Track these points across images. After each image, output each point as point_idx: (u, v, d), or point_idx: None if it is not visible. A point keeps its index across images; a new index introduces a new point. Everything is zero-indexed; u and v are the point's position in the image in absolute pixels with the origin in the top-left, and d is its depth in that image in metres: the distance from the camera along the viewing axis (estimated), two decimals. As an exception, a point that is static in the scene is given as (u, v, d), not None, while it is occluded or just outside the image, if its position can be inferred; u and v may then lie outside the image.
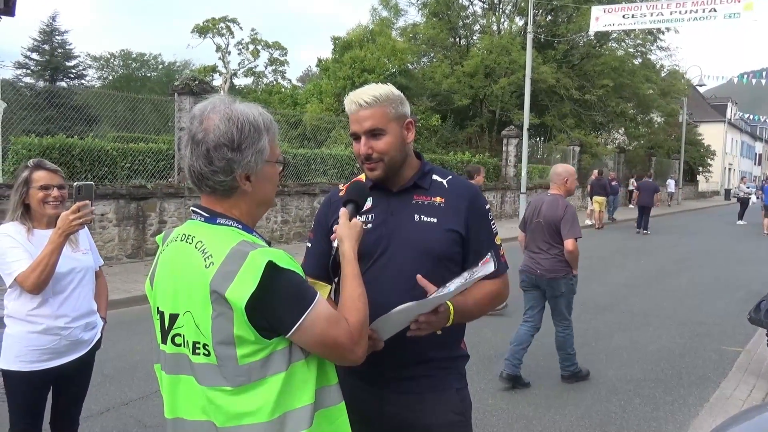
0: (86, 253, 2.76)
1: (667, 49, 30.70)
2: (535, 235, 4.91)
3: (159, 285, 1.48)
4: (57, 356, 2.60)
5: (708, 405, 4.55)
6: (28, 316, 2.55)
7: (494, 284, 1.91)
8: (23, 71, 32.93)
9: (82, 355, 2.70)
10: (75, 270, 2.66)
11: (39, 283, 2.46)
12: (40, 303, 2.55)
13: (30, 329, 2.54)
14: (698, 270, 11.24)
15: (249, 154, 1.41)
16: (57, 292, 2.58)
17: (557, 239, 4.77)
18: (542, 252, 4.84)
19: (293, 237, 12.49)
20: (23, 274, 2.46)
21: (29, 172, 2.61)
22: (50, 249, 2.45)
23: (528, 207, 5.21)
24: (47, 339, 2.56)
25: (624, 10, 18.16)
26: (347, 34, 26.32)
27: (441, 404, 1.84)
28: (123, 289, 7.69)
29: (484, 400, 4.52)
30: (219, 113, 1.41)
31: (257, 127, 1.43)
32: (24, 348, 2.54)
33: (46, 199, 2.61)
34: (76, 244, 2.70)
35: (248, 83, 41.78)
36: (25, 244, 2.54)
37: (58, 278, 2.56)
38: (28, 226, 2.60)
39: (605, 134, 32.33)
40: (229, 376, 1.34)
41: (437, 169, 1.97)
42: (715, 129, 51.55)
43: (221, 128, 1.39)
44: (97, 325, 2.81)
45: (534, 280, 4.89)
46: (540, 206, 4.94)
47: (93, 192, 2.58)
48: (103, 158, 9.77)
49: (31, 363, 2.55)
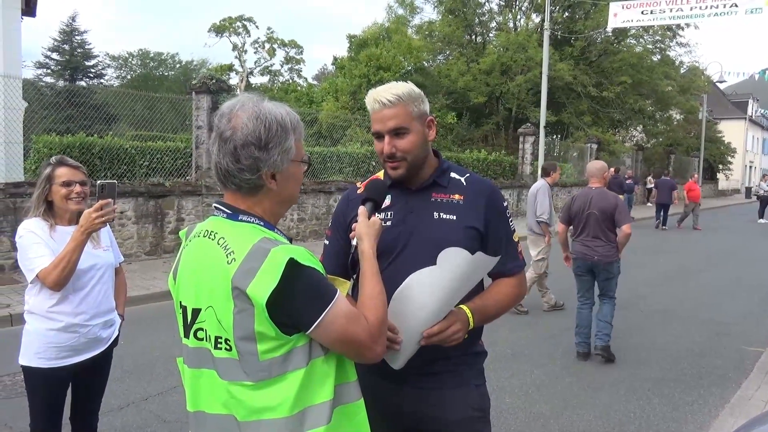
0: (107, 250, 2.77)
1: (687, 45, 30.34)
2: (589, 226, 5.45)
3: (182, 280, 1.50)
4: (75, 353, 2.62)
5: (729, 406, 4.48)
6: (48, 313, 2.56)
7: (513, 281, 1.91)
8: (44, 71, 33.41)
9: (100, 352, 2.71)
10: (96, 267, 2.66)
11: (60, 279, 2.47)
12: (59, 300, 2.56)
13: (49, 326, 2.56)
14: (718, 269, 11.09)
15: (275, 153, 1.42)
16: (77, 289, 2.59)
17: (611, 227, 5.38)
18: (598, 239, 5.40)
19: (309, 235, 12.53)
20: (45, 271, 2.47)
21: (52, 169, 2.62)
22: (72, 246, 2.46)
23: (574, 201, 5.68)
24: (66, 336, 2.58)
25: (643, 6, 17.91)
26: (363, 32, 26.34)
27: (460, 400, 1.84)
28: (142, 286, 7.78)
29: (501, 398, 4.50)
30: (247, 112, 1.42)
31: (284, 127, 1.44)
32: (43, 345, 2.56)
33: (69, 195, 2.62)
34: (97, 241, 2.71)
35: (264, 82, 42.06)
36: (47, 241, 2.55)
37: (79, 275, 2.57)
38: (50, 223, 2.61)
39: (623, 132, 32.00)
40: (250, 371, 1.35)
41: (455, 166, 1.97)
42: (735, 126, 50.77)
43: (249, 127, 1.40)
44: (115, 323, 2.82)
45: (590, 265, 5.48)
46: (590, 199, 5.47)
47: (116, 190, 2.60)
48: (122, 156, 9.89)
49: (50, 360, 2.56)
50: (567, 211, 5.72)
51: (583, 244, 5.52)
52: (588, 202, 5.48)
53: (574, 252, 5.65)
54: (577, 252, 5.58)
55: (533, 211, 7.11)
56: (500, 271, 1.89)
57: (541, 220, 7.00)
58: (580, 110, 25.44)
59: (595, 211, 5.41)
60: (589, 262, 5.47)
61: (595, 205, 5.42)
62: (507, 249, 1.89)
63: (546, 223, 7.01)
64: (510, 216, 1.94)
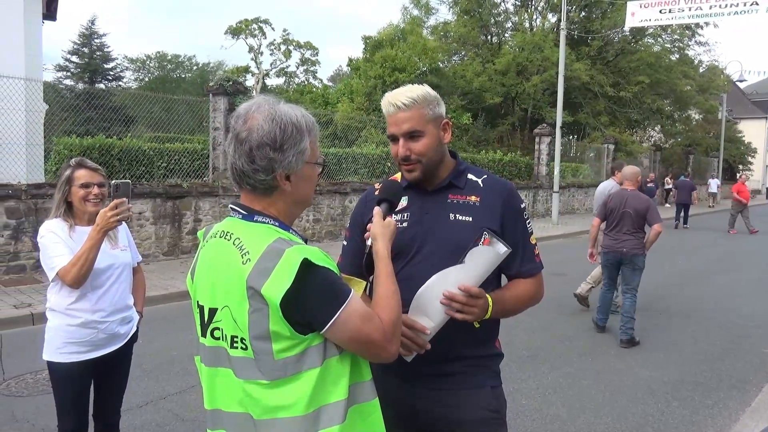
0: (124, 250, 2.84)
1: (706, 44, 29.94)
2: (622, 223, 6.09)
3: (199, 280, 1.52)
4: (95, 348, 2.70)
5: (749, 409, 4.42)
6: (67, 310, 2.64)
7: (530, 283, 1.91)
8: (64, 74, 33.92)
9: (119, 348, 2.79)
10: (113, 266, 2.74)
11: (79, 277, 2.55)
12: (78, 297, 2.64)
13: (69, 322, 2.64)
14: (739, 270, 10.93)
15: (290, 154, 1.43)
16: (95, 287, 2.67)
17: (641, 225, 6.06)
18: (628, 235, 6.06)
19: (325, 236, 12.58)
20: (64, 269, 2.55)
21: (71, 171, 2.70)
22: (89, 245, 2.54)
23: (611, 199, 6.33)
24: (85, 332, 2.66)
25: (661, 5, 17.72)
26: (378, 33, 26.36)
27: (476, 401, 1.83)
28: (160, 286, 7.86)
29: (517, 400, 4.48)
30: (263, 113, 1.43)
31: (300, 128, 1.45)
32: (64, 340, 2.65)
33: (87, 196, 2.70)
34: (115, 241, 2.78)
35: (280, 83, 42.30)
36: (66, 240, 2.63)
37: (97, 274, 2.65)
38: (70, 223, 2.69)
39: (641, 132, 31.68)
40: (265, 370, 1.37)
41: (472, 168, 1.96)
42: (756, 126, 49.98)
43: (265, 128, 1.41)
44: (133, 319, 2.89)
45: (619, 257, 6.12)
46: (625, 200, 6.14)
47: (130, 190, 2.66)
48: (140, 158, 10.01)
49: (71, 354, 2.65)
50: (603, 207, 6.40)
51: (613, 239, 6.16)
52: (623, 202, 6.13)
53: (605, 246, 6.31)
54: (608, 246, 6.23)
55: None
56: (517, 272, 1.89)
57: None
58: (597, 110, 25.23)
59: (630, 210, 6.05)
60: (618, 254, 6.10)
61: (630, 205, 6.07)
62: (524, 251, 1.88)
63: None
64: (528, 217, 1.93)
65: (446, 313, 1.69)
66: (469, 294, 1.68)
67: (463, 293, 1.68)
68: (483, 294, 1.72)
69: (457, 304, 1.68)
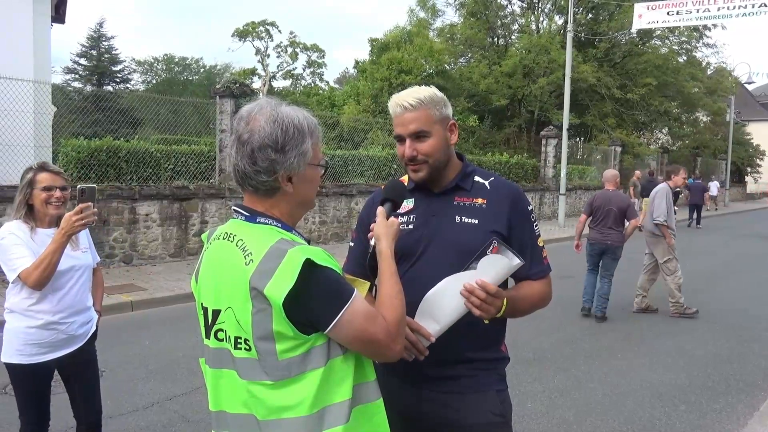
0: (85, 252, 2.88)
1: (714, 46, 29.79)
2: (607, 218, 7.08)
3: (203, 281, 1.52)
4: (54, 349, 2.73)
5: (758, 414, 4.38)
6: (27, 311, 2.67)
7: (541, 285, 1.90)
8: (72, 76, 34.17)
9: (78, 348, 2.82)
10: (74, 268, 2.77)
11: (41, 279, 2.57)
12: (39, 299, 2.67)
13: (30, 324, 2.67)
14: (747, 273, 10.86)
15: (292, 155, 1.44)
16: (56, 288, 2.70)
17: (623, 220, 7.11)
18: (612, 229, 7.08)
19: (331, 237, 12.58)
20: (27, 271, 2.58)
21: (33, 174, 2.73)
22: (53, 248, 2.56)
23: (596, 198, 7.32)
24: (46, 333, 2.69)
25: (668, 7, 17.65)
26: (384, 35, 26.39)
27: (481, 404, 1.83)
28: (166, 288, 7.88)
29: (523, 404, 4.46)
30: (265, 115, 1.44)
31: (301, 130, 1.46)
32: (23, 342, 2.67)
33: (49, 199, 2.72)
34: (76, 243, 2.81)
35: (287, 85, 42.36)
36: (28, 242, 2.66)
37: (58, 276, 2.67)
38: (31, 225, 2.72)
39: (648, 134, 31.55)
40: (269, 370, 1.37)
41: (479, 170, 1.95)
42: (764, 128, 49.60)
43: (266, 129, 1.42)
44: (93, 319, 2.94)
45: (603, 248, 7.14)
46: (610, 199, 7.16)
47: (95, 194, 2.67)
48: (147, 160, 10.04)
49: (30, 356, 2.68)
50: (590, 206, 7.33)
51: (599, 232, 7.16)
52: (609, 200, 7.14)
53: (591, 238, 7.27)
54: (594, 238, 7.22)
55: (650, 213, 7.54)
56: (526, 275, 1.88)
57: (658, 222, 7.33)
58: (604, 112, 25.14)
59: (613, 207, 7.05)
60: (603, 245, 7.13)
61: (615, 203, 7.09)
62: (532, 253, 1.87)
63: (665, 225, 7.31)
64: (535, 220, 1.92)
65: (465, 305, 1.67)
66: (487, 291, 1.66)
67: (481, 289, 1.65)
68: (501, 294, 1.71)
69: (476, 300, 1.65)
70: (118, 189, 9.16)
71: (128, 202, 9.23)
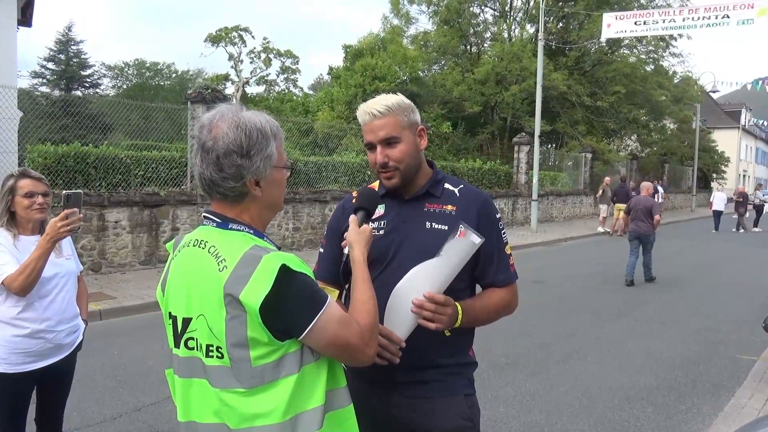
0: (69, 259, 2.85)
1: (680, 56, 30.54)
2: (640, 215, 9.99)
3: (171, 290, 1.51)
4: (41, 358, 2.68)
5: (722, 414, 4.49)
6: (13, 320, 2.62)
7: (504, 293, 1.92)
8: (39, 81, 33.37)
9: (64, 357, 2.78)
10: (59, 275, 2.74)
11: (26, 285, 2.54)
12: (25, 307, 2.63)
13: (16, 333, 2.62)
14: (714, 277, 11.13)
15: (258, 160, 1.44)
16: (42, 296, 2.66)
17: (650, 215, 9.97)
18: (644, 221, 9.96)
19: (304, 244, 12.52)
20: (11, 277, 2.54)
21: (14, 181, 2.70)
22: (38, 254, 2.53)
23: (632, 202, 10.41)
24: (33, 342, 2.64)
25: (636, 17, 18.10)
26: (358, 42, 26.47)
27: (449, 409, 1.84)
28: (136, 296, 7.75)
29: (495, 408, 4.50)
30: (227, 121, 1.44)
31: (265, 134, 1.46)
32: (9, 351, 2.62)
33: (31, 205, 2.69)
34: (59, 250, 2.78)
35: (260, 91, 42.11)
36: (11, 249, 2.62)
37: (43, 283, 2.64)
38: (13, 233, 2.68)
39: (617, 141, 32.17)
40: (242, 377, 1.36)
41: (450, 177, 1.99)
42: (729, 135, 51.08)
43: (230, 136, 1.42)
44: (79, 328, 2.90)
45: (639, 235, 10.02)
46: (640, 201, 10.18)
47: (81, 200, 2.65)
48: (117, 166, 9.87)
49: (16, 365, 2.63)
50: (629, 207, 10.40)
51: (636, 225, 10.08)
52: (639, 202, 10.19)
53: (630, 230, 10.25)
54: (632, 230, 10.16)
55: None
56: (492, 282, 1.91)
57: None
58: (575, 120, 25.56)
59: (642, 207, 10.04)
60: (639, 232, 10.01)
61: (643, 204, 10.10)
62: (499, 260, 1.90)
63: None
64: (503, 227, 1.95)
65: (419, 322, 1.71)
66: (434, 301, 1.69)
67: (428, 300, 1.69)
68: (450, 302, 1.73)
69: (427, 313, 1.69)
70: (86, 195, 8.98)
71: (97, 208, 9.04)
